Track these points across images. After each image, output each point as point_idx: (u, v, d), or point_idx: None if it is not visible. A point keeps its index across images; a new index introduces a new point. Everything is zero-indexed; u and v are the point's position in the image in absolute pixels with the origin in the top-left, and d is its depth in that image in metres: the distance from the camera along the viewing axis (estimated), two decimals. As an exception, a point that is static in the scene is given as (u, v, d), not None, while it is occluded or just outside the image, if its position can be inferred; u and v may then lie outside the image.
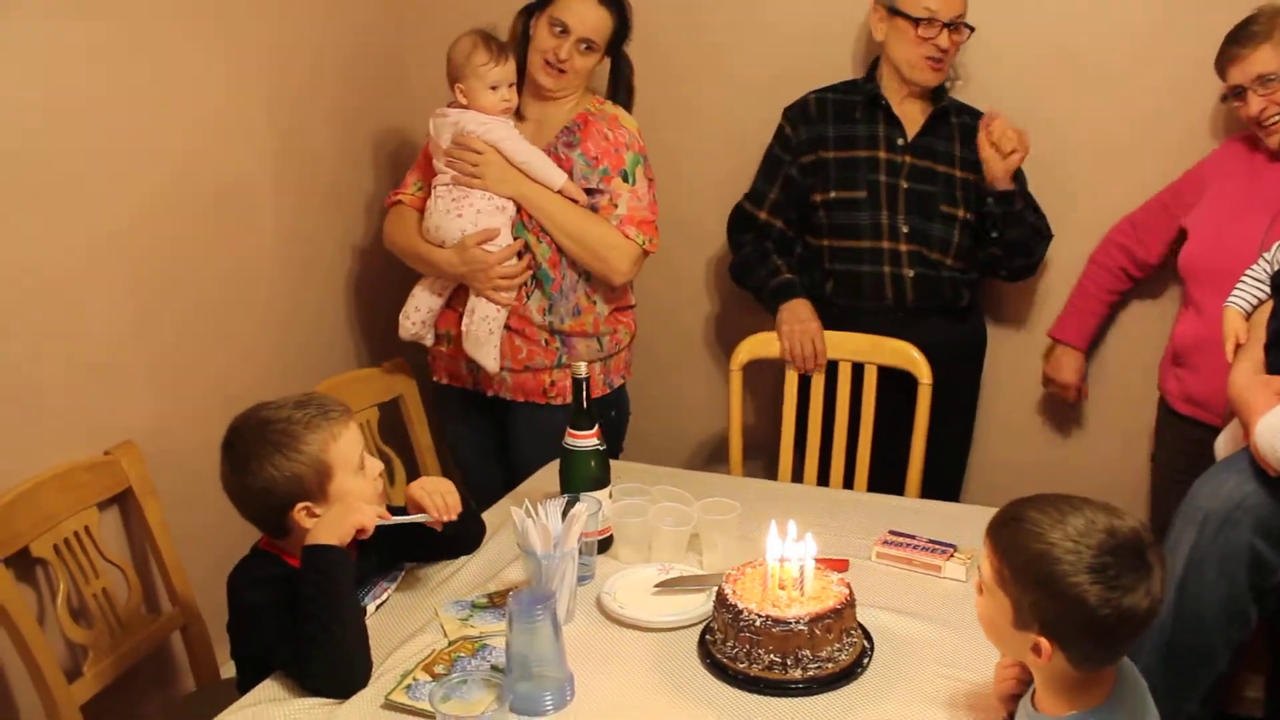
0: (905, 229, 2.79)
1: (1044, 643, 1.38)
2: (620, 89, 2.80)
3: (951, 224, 2.81)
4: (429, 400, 3.00)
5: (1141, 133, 2.88)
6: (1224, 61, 2.48)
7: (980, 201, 2.80)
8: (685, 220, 3.27)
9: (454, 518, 1.99)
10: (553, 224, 2.64)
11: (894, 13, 2.74)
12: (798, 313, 2.81)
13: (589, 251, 2.67)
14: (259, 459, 1.82)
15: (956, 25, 2.73)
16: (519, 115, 2.73)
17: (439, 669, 1.76)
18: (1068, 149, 2.94)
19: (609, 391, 2.82)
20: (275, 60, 2.82)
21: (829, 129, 2.86)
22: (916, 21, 2.71)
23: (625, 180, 2.68)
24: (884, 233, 2.81)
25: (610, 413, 2.79)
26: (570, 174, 2.66)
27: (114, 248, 2.40)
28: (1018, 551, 1.39)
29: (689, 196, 3.25)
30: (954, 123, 2.85)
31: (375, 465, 1.95)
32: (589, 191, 2.68)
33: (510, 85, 2.62)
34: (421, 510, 1.98)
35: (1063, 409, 3.13)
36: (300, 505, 1.84)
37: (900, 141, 2.83)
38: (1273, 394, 2.01)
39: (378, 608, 1.97)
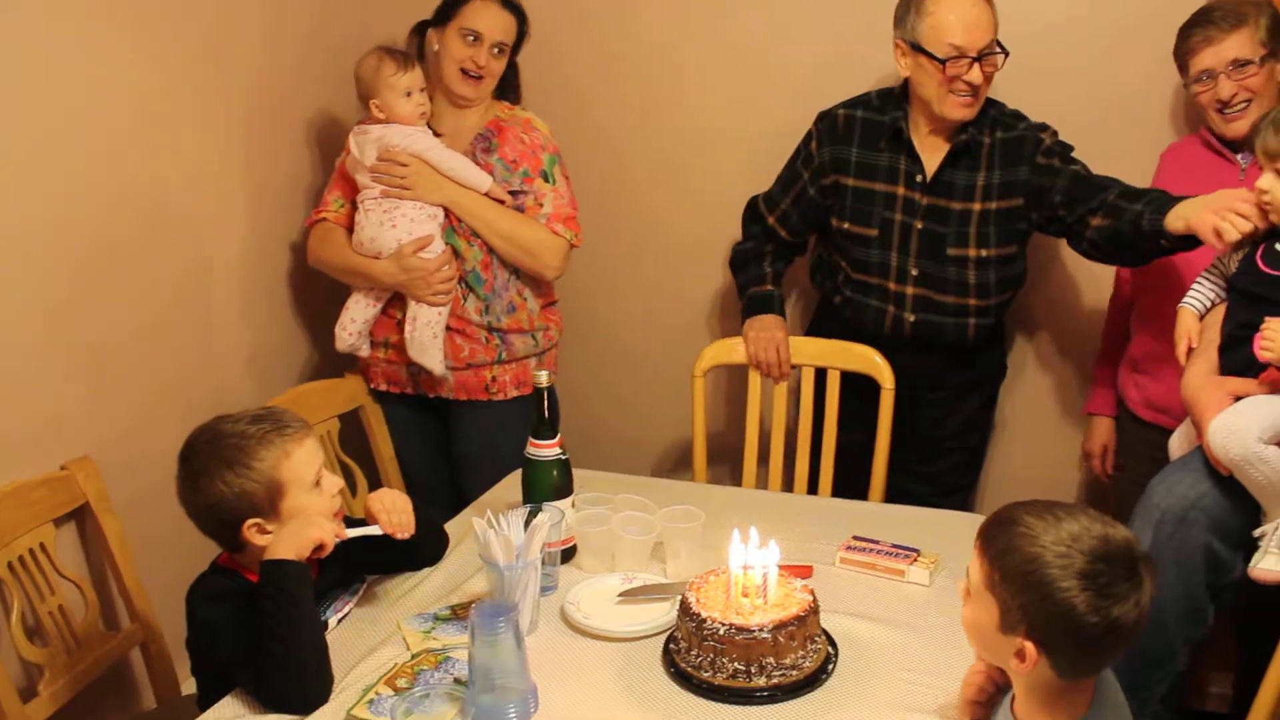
0: (915, 272, 2.69)
1: (1029, 648, 1.38)
2: (510, 89, 2.87)
3: (964, 265, 2.66)
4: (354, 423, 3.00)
5: (1111, 133, 2.87)
6: (1193, 46, 2.43)
7: (1006, 227, 2.64)
8: (654, 228, 3.28)
9: (405, 536, 1.97)
10: (485, 226, 2.71)
11: (917, 49, 2.55)
12: (765, 321, 2.82)
13: (522, 250, 2.75)
14: (210, 474, 1.81)
15: (988, 55, 2.52)
16: (433, 128, 2.77)
17: (401, 682, 1.74)
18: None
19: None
20: (231, 60, 2.79)
21: (852, 152, 2.72)
22: (943, 61, 2.52)
23: (546, 180, 2.78)
24: (891, 274, 2.71)
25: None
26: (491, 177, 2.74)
27: (68, 258, 2.36)
28: (1010, 554, 1.40)
29: (666, 205, 3.27)
30: (984, 143, 2.63)
31: (334, 482, 1.93)
32: (511, 193, 2.75)
33: (422, 90, 2.70)
34: (376, 523, 1.97)
35: (1080, 436, 3.07)
36: (251, 522, 1.82)
37: (920, 179, 2.66)
38: (1225, 394, 2.03)
39: (339, 621, 1.95)
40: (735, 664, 1.70)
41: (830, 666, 1.77)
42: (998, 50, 2.54)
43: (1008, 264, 2.68)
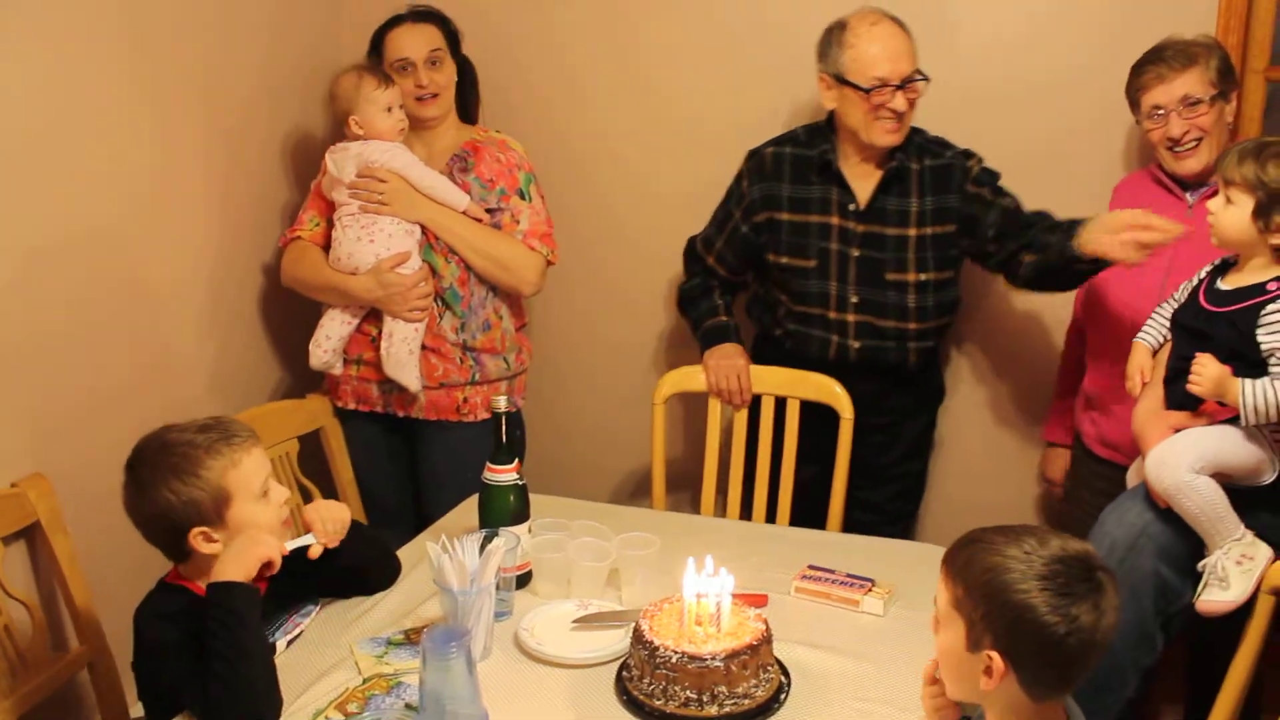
0: (855, 299, 2.72)
1: (995, 660, 1.40)
2: (466, 95, 2.91)
3: (903, 290, 2.70)
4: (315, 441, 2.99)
5: (1063, 160, 2.92)
6: (1145, 83, 2.47)
7: (942, 252, 2.70)
8: (617, 254, 3.29)
9: (333, 544, 1.96)
10: (462, 243, 2.73)
11: (842, 81, 2.61)
12: (724, 349, 2.83)
13: (499, 266, 2.76)
14: (156, 483, 1.81)
15: (910, 83, 2.60)
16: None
17: (352, 707, 1.73)
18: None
19: (514, 410, 2.93)
20: (194, 77, 2.78)
21: (783, 188, 2.76)
22: (867, 90, 2.60)
23: (523, 198, 2.80)
24: (832, 302, 2.74)
25: (515, 432, 2.87)
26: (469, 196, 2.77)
27: (20, 272, 2.34)
28: (972, 567, 1.43)
29: (631, 231, 3.28)
30: (913, 170, 2.69)
31: (281, 493, 1.93)
32: (488, 211, 2.78)
33: (400, 107, 2.72)
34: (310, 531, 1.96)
35: (1018, 457, 3.13)
36: (197, 530, 1.82)
37: (853, 207, 2.71)
38: (1167, 427, 2.07)
39: (289, 644, 1.94)
40: (687, 692, 1.70)
41: (783, 696, 1.78)
42: (919, 78, 2.61)
43: (944, 289, 2.74)
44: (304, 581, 1.99)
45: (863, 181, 2.71)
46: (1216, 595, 2.00)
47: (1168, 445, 2.05)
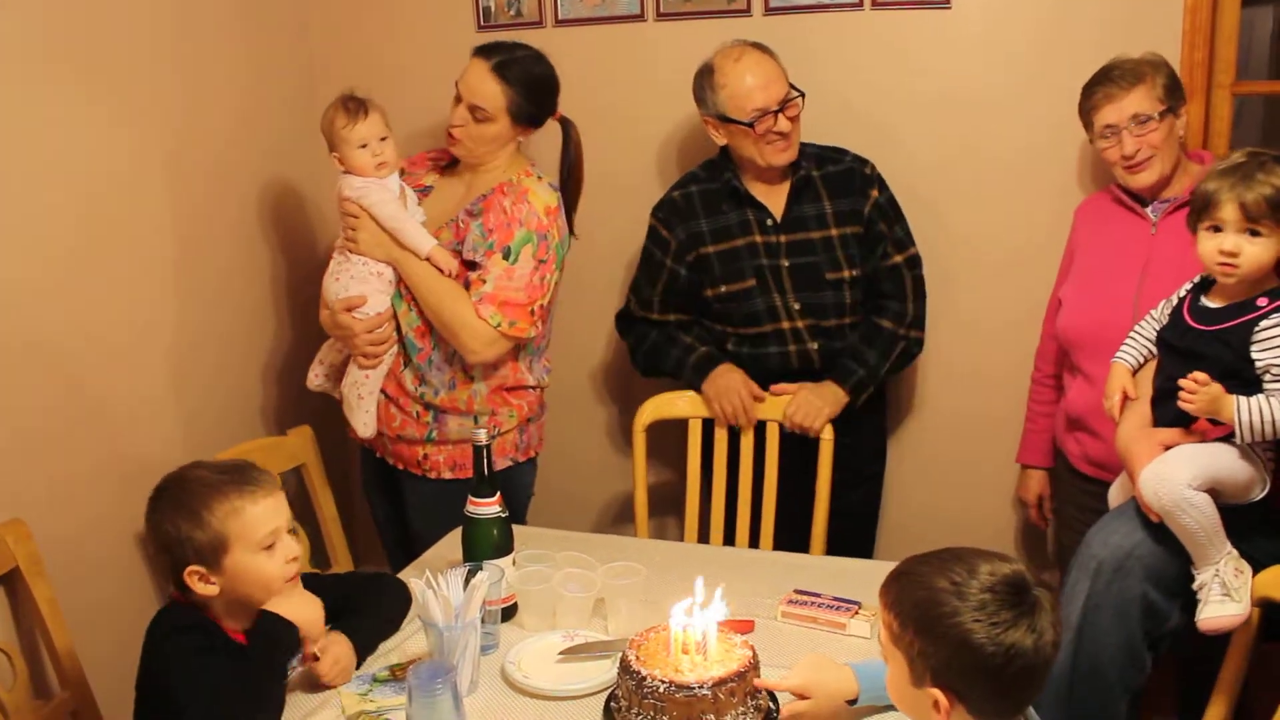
0: (797, 306, 2.79)
1: (940, 696, 1.38)
2: (566, 157, 2.79)
3: (840, 287, 2.80)
4: (335, 469, 2.97)
5: (1024, 174, 2.95)
6: (1096, 103, 2.50)
7: (864, 249, 2.81)
8: (596, 282, 3.29)
9: (334, 684, 1.91)
10: (417, 292, 2.62)
11: (725, 120, 2.72)
12: (719, 371, 2.81)
13: (443, 326, 2.61)
14: (163, 514, 1.84)
15: (788, 103, 2.68)
16: (451, 176, 2.76)
17: (340, 746, 1.72)
18: (957, 191, 3.00)
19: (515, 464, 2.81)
20: (172, 112, 2.78)
21: (703, 224, 2.82)
22: (750, 124, 2.67)
23: (505, 258, 2.60)
24: (779, 314, 2.80)
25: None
26: (464, 242, 2.64)
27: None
28: (903, 602, 1.41)
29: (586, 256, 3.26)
30: (817, 177, 2.80)
31: (289, 549, 1.88)
32: (471, 264, 2.63)
33: (381, 140, 2.59)
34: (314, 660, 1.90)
35: (974, 459, 3.15)
36: (192, 569, 1.81)
37: (770, 222, 2.80)
38: (1156, 445, 2.07)
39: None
40: (676, 722, 1.69)
41: (771, 722, 1.77)
42: (795, 95, 2.70)
43: (863, 283, 2.84)
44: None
45: (772, 197, 2.82)
46: (1221, 610, 1.98)
47: (1162, 462, 2.03)
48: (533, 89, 2.66)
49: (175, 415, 2.85)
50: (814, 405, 2.73)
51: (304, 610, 1.85)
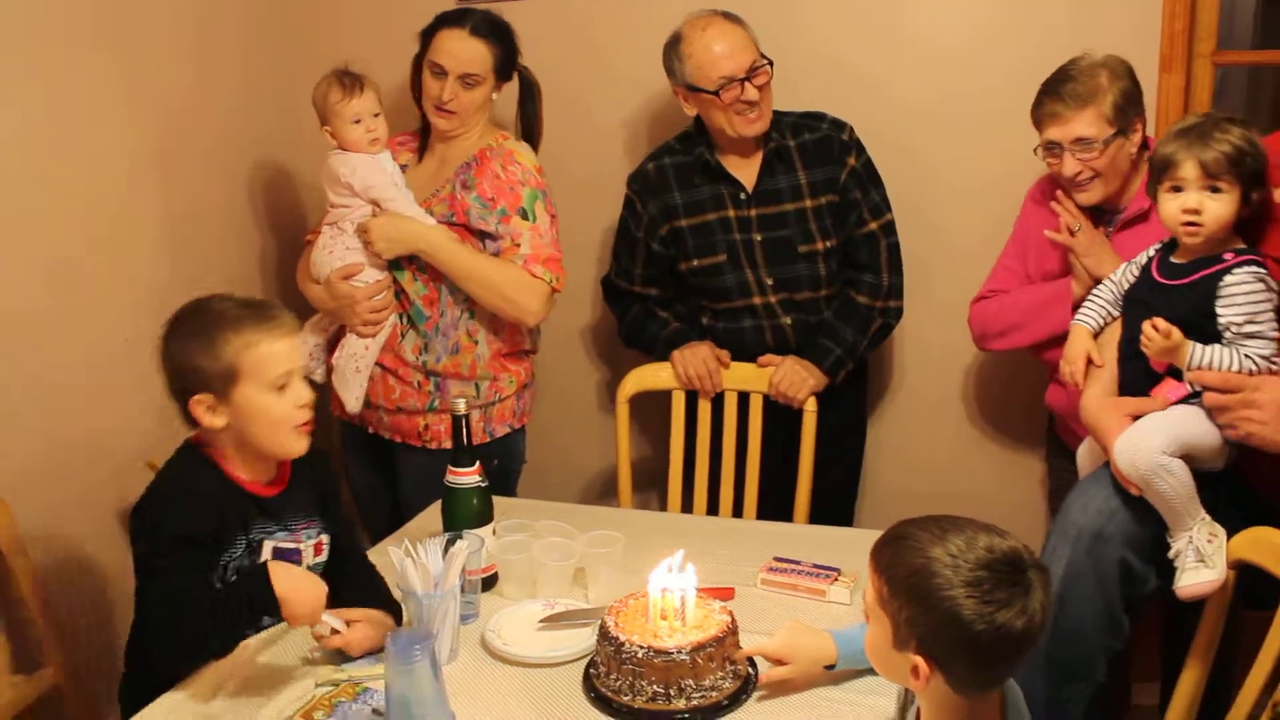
0: (770, 281, 2.79)
1: (921, 664, 1.38)
2: (526, 114, 2.80)
3: (814, 260, 2.79)
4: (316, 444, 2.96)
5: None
6: (1043, 116, 2.46)
7: (839, 219, 2.80)
8: (580, 252, 3.25)
9: (353, 653, 1.88)
10: (458, 271, 2.62)
11: (693, 90, 2.71)
12: (689, 344, 2.82)
13: (498, 294, 2.64)
14: (177, 338, 1.85)
15: (755, 71, 2.67)
16: (421, 156, 2.76)
17: (318, 715, 1.72)
18: (937, 180, 3.00)
19: (489, 439, 2.78)
20: (155, 95, 2.76)
21: (676, 196, 2.83)
22: (716, 92, 2.67)
23: (525, 218, 2.65)
24: (752, 289, 2.80)
25: (493, 461, 2.66)
26: (466, 216, 2.65)
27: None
28: (897, 567, 1.40)
29: (592, 228, 3.26)
30: (792, 147, 2.78)
31: (302, 394, 1.89)
32: (486, 235, 2.66)
33: (375, 115, 2.61)
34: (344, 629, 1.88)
35: (952, 437, 3.16)
36: (199, 397, 1.82)
37: (742, 196, 2.79)
38: (1123, 416, 2.07)
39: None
40: (654, 687, 1.70)
41: (750, 688, 1.77)
42: (763, 63, 2.68)
43: (839, 253, 2.83)
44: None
45: (745, 170, 2.80)
46: (1199, 576, 1.98)
47: (1135, 432, 2.04)
48: (505, 39, 2.70)
49: (151, 391, 2.81)
50: (799, 375, 2.73)
51: (301, 585, 1.78)
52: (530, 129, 2.81)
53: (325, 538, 2.00)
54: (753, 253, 2.79)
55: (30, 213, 2.44)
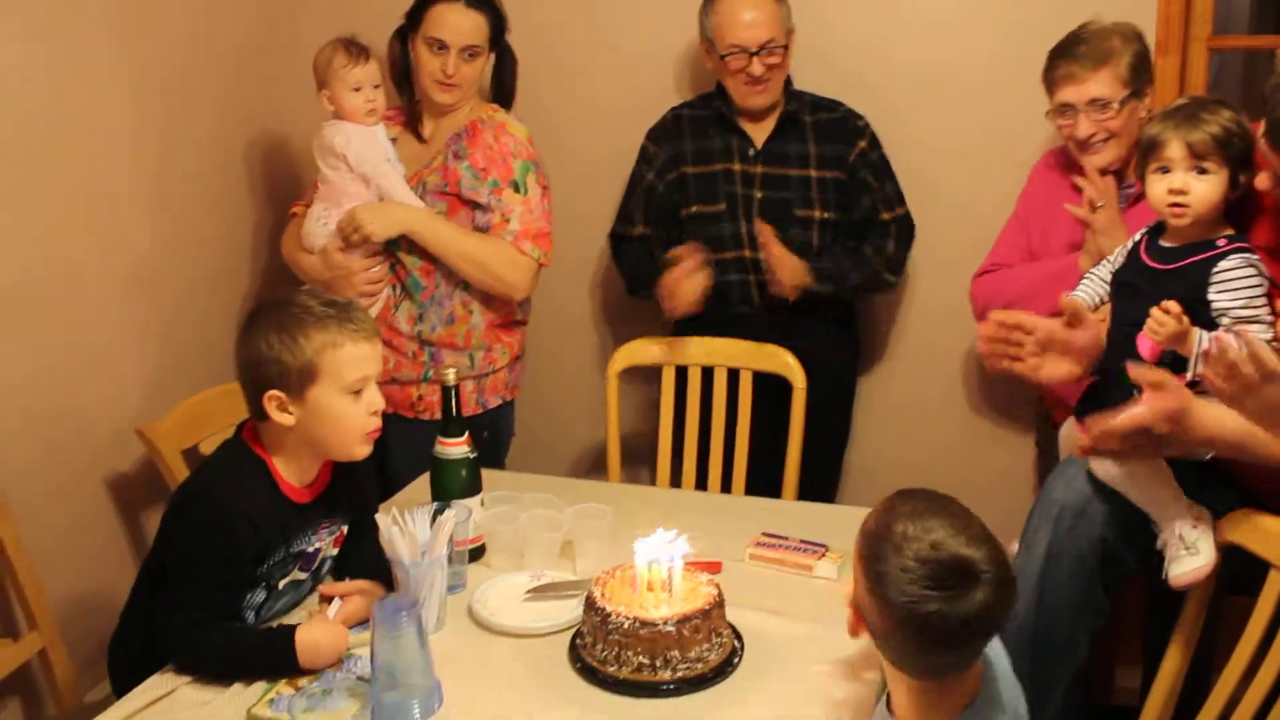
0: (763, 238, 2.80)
1: (851, 615, 1.46)
2: (503, 83, 2.80)
3: (809, 226, 2.83)
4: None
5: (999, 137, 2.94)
6: (1057, 79, 2.45)
7: (842, 197, 2.84)
8: (571, 225, 3.24)
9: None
10: (447, 249, 2.63)
11: (711, 46, 2.79)
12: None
13: (485, 272, 2.66)
14: (258, 330, 1.83)
15: (767, 50, 2.71)
16: (417, 134, 2.76)
17: (303, 681, 1.72)
18: (932, 154, 3.00)
19: (481, 411, 2.79)
20: (147, 60, 2.74)
21: (687, 144, 2.90)
22: (724, 56, 2.74)
23: (517, 191, 2.67)
24: (744, 242, 2.84)
25: (483, 433, 2.66)
26: (458, 186, 2.66)
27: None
28: (865, 525, 1.46)
29: (584, 201, 3.24)
30: (807, 121, 2.86)
31: (376, 402, 1.89)
32: (477, 206, 2.66)
33: (375, 87, 2.61)
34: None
35: (940, 411, 3.17)
36: (273, 393, 1.81)
37: (750, 152, 2.85)
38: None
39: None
40: (640, 658, 1.70)
41: (736, 659, 1.78)
42: (778, 44, 2.73)
43: (842, 229, 2.87)
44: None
45: (758, 131, 2.87)
46: (1188, 564, 1.97)
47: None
48: (497, 8, 2.72)
49: (139, 360, 2.81)
50: (799, 266, 2.74)
51: (323, 643, 1.76)
52: (506, 100, 2.81)
53: (344, 528, 2.02)
54: (750, 207, 2.84)
55: (18, 187, 2.42)
